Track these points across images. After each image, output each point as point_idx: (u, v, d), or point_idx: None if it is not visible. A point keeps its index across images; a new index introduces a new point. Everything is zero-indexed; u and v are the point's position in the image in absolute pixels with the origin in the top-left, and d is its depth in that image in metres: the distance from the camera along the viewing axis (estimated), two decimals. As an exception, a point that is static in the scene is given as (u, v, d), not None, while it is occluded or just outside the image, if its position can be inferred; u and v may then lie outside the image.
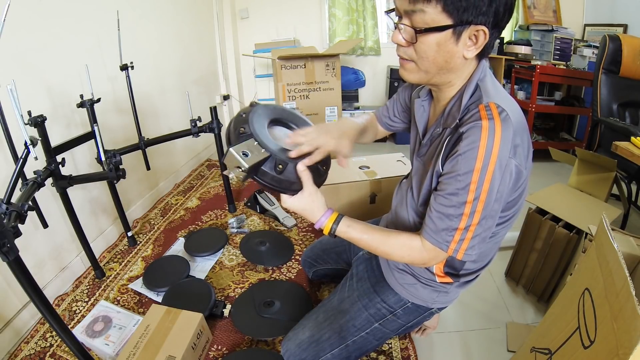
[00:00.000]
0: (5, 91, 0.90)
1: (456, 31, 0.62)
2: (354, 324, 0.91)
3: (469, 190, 0.64)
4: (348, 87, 2.98)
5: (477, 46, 0.64)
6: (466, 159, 0.63)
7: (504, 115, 0.62)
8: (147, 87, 1.95)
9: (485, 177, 0.62)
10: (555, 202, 1.38)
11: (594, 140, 1.91)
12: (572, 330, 0.73)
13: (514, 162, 0.64)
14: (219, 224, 1.86)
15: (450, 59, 0.65)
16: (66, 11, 1.40)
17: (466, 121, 0.65)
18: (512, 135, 0.62)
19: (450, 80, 0.71)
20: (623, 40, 1.84)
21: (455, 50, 0.64)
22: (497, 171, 0.62)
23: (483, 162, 0.62)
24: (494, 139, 0.61)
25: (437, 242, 0.70)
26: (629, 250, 0.89)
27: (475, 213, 0.65)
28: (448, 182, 0.66)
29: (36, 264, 1.29)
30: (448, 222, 0.67)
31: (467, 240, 0.68)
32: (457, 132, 0.66)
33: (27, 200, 0.93)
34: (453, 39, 0.63)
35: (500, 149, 0.61)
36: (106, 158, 1.23)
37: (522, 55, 2.89)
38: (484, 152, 0.61)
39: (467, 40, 0.63)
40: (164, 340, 1.03)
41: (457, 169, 0.64)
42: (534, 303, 1.38)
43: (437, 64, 0.67)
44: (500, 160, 0.62)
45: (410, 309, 0.91)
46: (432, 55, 0.65)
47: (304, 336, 0.92)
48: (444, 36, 0.62)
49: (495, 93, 0.67)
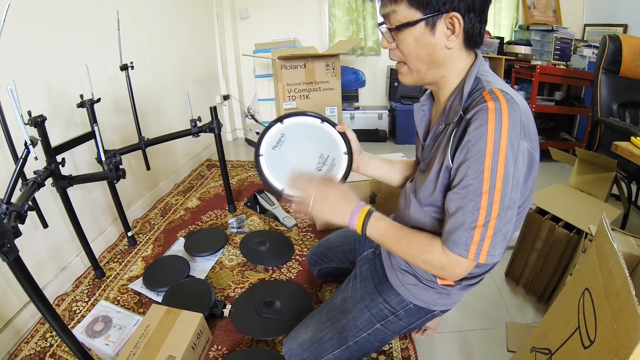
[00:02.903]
0: (5, 91, 0.90)
1: (429, 22, 0.63)
2: (355, 324, 0.91)
3: (483, 178, 0.61)
4: (348, 87, 2.98)
5: (455, 34, 0.64)
6: (476, 144, 0.61)
7: (509, 97, 0.61)
8: (147, 87, 1.95)
9: (498, 161, 0.60)
10: (555, 202, 1.38)
11: (594, 140, 1.91)
12: (572, 330, 0.73)
13: (526, 145, 0.62)
14: (219, 224, 1.86)
15: (433, 51, 0.66)
16: (66, 11, 1.40)
17: (471, 108, 0.64)
18: (519, 115, 0.60)
19: (443, 74, 0.70)
20: (623, 40, 1.84)
21: (434, 42, 0.65)
22: (510, 154, 0.60)
23: (494, 144, 0.59)
24: (502, 118, 0.59)
25: (456, 246, 0.65)
26: (629, 250, 0.89)
27: (494, 204, 0.61)
28: (460, 173, 0.64)
29: (36, 264, 1.29)
30: (465, 219, 0.64)
31: (488, 239, 0.63)
32: (464, 120, 0.65)
33: (27, 200, 0.93)
34: (428, 31, 0.64)
35: (509, 128, 0.59)
36: (106, 158, 1.23)
37: (522, 55, 2.89)
38: (493, 134, 0.59)
39: (445, 30, 0.64)
40: (164, 340, 1.03)
41: (468, 157, 0.62)
42: (534, 303, 1.38)
43: (422, 59, 0.68)
44: (512, 141, 0.59)
45: (412, 310, 0.90)
46: (414, 51, 0.67)
47: (306, 336, 0.92)
48: (419, 30, 0.64)
49: (498, 83, 0.66)
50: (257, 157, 0.88)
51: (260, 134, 0.90)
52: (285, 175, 0.88)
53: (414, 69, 0.70)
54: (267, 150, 0.89)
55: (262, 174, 0.89)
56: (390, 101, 3.18)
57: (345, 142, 0.91)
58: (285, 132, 0.91)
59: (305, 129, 0.91)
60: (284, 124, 0.90)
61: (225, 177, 1.88)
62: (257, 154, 0.88)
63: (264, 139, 0.89)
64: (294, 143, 0.91)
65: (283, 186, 0.88)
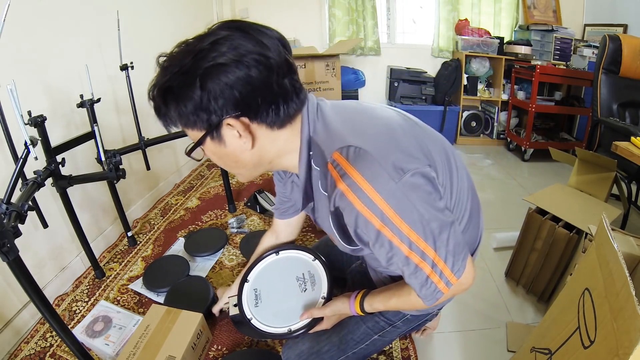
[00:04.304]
0: (5, 91, 0.90)
1: (212, 136, 0.58)
2: (352, 337, 0.89)
3: (397, 245, 0.57)
4: (348, 87, 2.98)
5: (244, 138, 0.57)
6: (363, 229, 0.57)
7: (352, 156, 0.55)
8: (147, 87, 1.94)
9: (395, 224, 0.55)
10: (555, 202, 1.38)
11: (594, 140, 1.91)
12: (572, 330, 0.73)
13: (410, 175, 0.55)
14: (219, 224, 1.86)
15: (237, 158, 0.61)
16: (66, 11, 1.40)
17: (330, 195, 0.59)
18: (377, 163, 0.54)
19: (270, 161, 0.65)
20: (623, 40, 1.84)
21: (231, 151, 0.59)
22: (400, 208, 0.54)
23: (379, 218, 0.54)
24: (364, 190, 0.53)
25: (429, 297, 0.63)
26: (629, 250, 0.89)
27: (425, 251, 0.57)
28: (375, 251, 0.61)
29: (36, 264, 1.29)
30: (416, 280, 0.61)
31: (445, 270, 0.59)
32: (333, 211, 0.61)
33: (27, 200, 0.93)
34: (218, 143, 0.58)
35: (380, 191, 0.53)
36: (106, 158, 1.23)
37: (522, 55, 2.89)
38: (369, 211, 0.54)
39: (235, 135, 0.57)
40: (164, 340, 1.03)
41: (367, 240, 0.59)
42: (534, 303, 1.38)
43: (234, 167, 0.64)
44: (391, 198, 0.53)
45: (409, 320, 0.89)
46: (222, 163, 0.64)
47: (303, 347, 0.90)
48: (211, 146, 0.59)
49: (331, 134, 0.60)
50: (250, 324, 0.87)
51: (238, 304, 0.90)
52: (283, 318, 0.88)
53: (234, 172, 0.67)
54: (252, 311, 0.89)
55: (265, 333, 0.87)
56: (390, 101, 3.18)
57: (305, 250, 0.93)
58: (255, 285, 0.93)
59: (269, 270, 0.95)
60: (250, 282, 0.94)
61: (225, 177, 1.88)
62: (248, 320, 0.88)
63: (244, 304, 0.90)
64: (270, 288, 0.93)
65: (288, 327, 0.86)
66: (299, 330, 0.85)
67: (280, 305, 0.90)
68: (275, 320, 0.88)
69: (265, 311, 0.89)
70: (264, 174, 2.46)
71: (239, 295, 0.91)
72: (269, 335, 0.86)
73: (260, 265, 0.95)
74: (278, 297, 0.91)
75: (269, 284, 0.93)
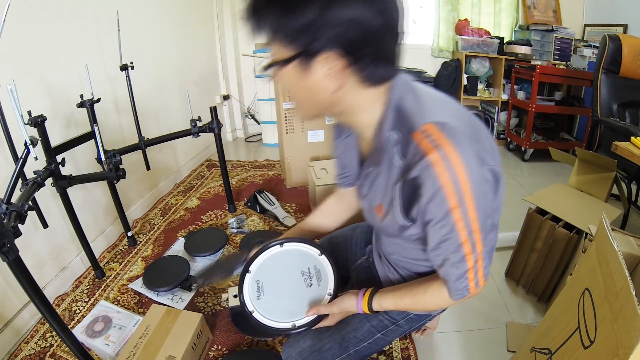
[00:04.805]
0: (5, 91, 0.90)
1: (302, 62, 0.54)
2: (355, 335, 0.89)
3: (458, 229, 0.56)
4: (348, 87, 2.97)
5: (335, 76, 0.55)
6: (437, 204, 0.55)
7: (448, 131, 0.53)
8: (147, 87, 1.95)
9: (467, 208, 0.55)
10: (555, 202, 1.38)
11: (594, 140, 1.91)
12: (572, 330, 0.73)
13: (487, 169, 0.56)
14: (219, 224, 1.86)
15: (313, 94, 0.58)
16: (66, 11, 1.40)
17: (412, 163, 0.56)
18: (468, 143, 0.54)
19: (341, 111, 0.63)
20: (623, 40, 1.84)
21: (311, 85, 0.56)
22: (476, 194, 0.54)
23: (457, 196, 0.54)
24: (454, 166, 0.52)
25: (458, 292, 0.65)
26: (629, 250, 0.89)
27: (476, 245, 0.58)
28: (431, 233, 0.60)
29: (36, 264, 1.29)
30: (455, 271, 0.62)
31: (480, 270, 0.62)
32: (409, 180, 0.58)
33: (27, 200, 0.93)
34: (302, 71, 0.55)
35: (466, 170, 0.52)
36: (106, 158, 1.23)
37: (522, 55, 2.89)
38: (452, 187, 0.53)
39: (324, 71, 0.54)
40: (164, 340, 1.03)
41: (433, 217, 0.58)
42: (534, 303, 1.38)
43: (302, 101, 0.61)
44: (474, 180, 0.53)
45: (412, 319, 0.89)
46: (293, 92, 0.60)
47: (305, 344, 0.90)
48: (291, 70, 0.55)
49: (422, 107, 0.59)
50: (252, 317, 0.84)
51: (239, 294, 0.87)
52: (287, 312, 0.85)
53: (298, 106, 0.64)
54: (254, 304, 0.86)
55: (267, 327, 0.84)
56: (390, 101, 3.17)
57: (311, 244, 0.90)
58: (258, 277, 0.89)
59: (273, 262, 0.90)
60: (251, 273, 0.89)
61: (225, 177, 1.88)
62: (249, 313, 0.85)
63: (245, 295, 0.86)
64: (273, 281, 0.89)
65: (292, 322, 0.84)
66: (303, 327, 0.83)
67: (283, 299, 0.87)
68: (278, 315, 0.85)
69: (268, 304, 0.86)
70: (264, 174, 2.46)
71: (240, 286, 0.87)
72: (271, 330, 0.84)
73: (264, 256, 0.90)
74: (282, 290, 0.88)
75: (272, 276, 0.89)
